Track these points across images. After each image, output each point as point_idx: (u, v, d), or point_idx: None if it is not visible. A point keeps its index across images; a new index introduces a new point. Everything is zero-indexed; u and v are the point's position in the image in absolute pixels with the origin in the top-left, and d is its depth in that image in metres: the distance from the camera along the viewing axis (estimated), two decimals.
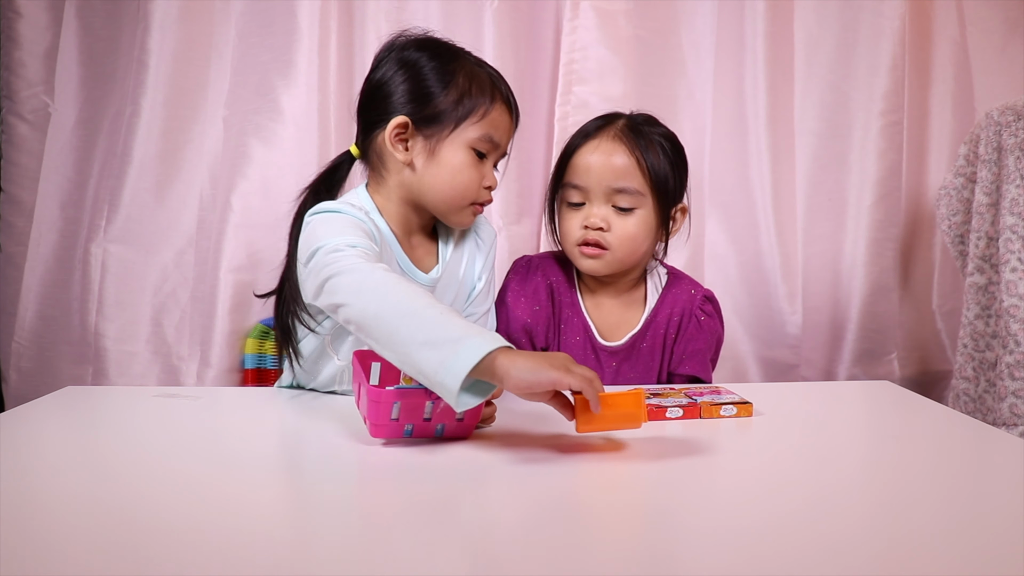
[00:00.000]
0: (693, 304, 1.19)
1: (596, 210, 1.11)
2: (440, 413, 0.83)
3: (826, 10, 1.68)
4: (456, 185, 1.03)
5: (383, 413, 0.81)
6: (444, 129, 1.02)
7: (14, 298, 1.58)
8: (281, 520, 0.66)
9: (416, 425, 0.83)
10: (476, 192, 1.05)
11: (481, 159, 1.05)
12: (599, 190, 1.10)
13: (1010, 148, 1.45)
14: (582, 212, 1.12)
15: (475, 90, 1.02)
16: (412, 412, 0.82)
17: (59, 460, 0.81)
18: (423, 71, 1.03)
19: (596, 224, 1.10)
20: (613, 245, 1.11)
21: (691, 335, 1.18)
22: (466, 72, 1.03)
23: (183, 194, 1.57)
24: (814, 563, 0.56)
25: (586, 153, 1.11)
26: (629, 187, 1.09)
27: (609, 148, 1.10)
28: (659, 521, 0.66)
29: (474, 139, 1.02)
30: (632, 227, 1.10)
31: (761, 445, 0.89)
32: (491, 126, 1.03)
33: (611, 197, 1.10)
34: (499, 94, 1.05)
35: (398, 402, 0.81)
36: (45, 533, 0.61)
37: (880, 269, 1.70)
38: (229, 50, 1.56)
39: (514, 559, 0.57)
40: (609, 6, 1.60)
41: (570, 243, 1.14)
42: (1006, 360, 1.43)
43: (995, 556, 0.58)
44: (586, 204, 1.12)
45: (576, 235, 1.12)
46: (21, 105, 1.57)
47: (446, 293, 1.12)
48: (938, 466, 0.81)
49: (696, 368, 1.18)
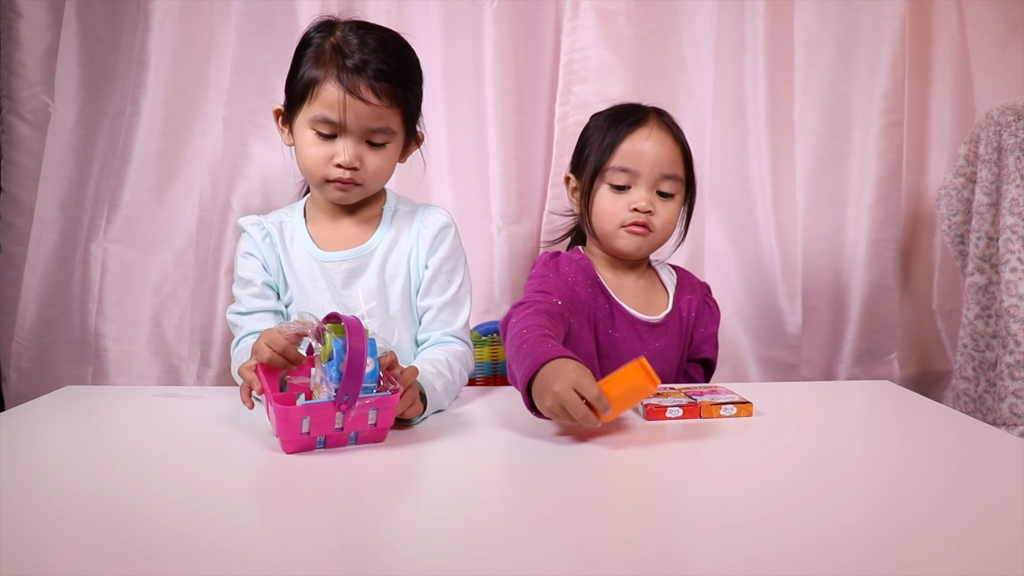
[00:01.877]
0: (704, 292, 1.28)
1: (644, 194, 1.16)
2: (352, 421, 0.82)
3: (826, 10, 1.68)
4: (304, 163, 1.08)
5: (293, 429, 0.81)
6: (294, 111, 1.07)
7: (14, 298, 1.58)
8: (281, 520, 0.66)
9: (329, 436, 0.82)
10: (324, 169, 1.07)
11: (325, 139, 1.06)
12: (650, 175, 1.16)
13: (1010, 148, 1.45)
14: (626, 196, 1.17)
15: (311, 70, 1.05)
16: (322, 424, 0.81)
17: (59, 459, 0.81)
18: (295, 56, 1.09)
19: (645, 207, 1.15)
20: (657, 228, 1.17)
21: (706, 320, 1.26)
22: (314, 52, 1.06)
23: (183, 194, 1.57)
24: (814, 563, 0.56)
25: (639, 140, 1.17)
26: (676, 174, 1.17)
27: (660, 137, 1.17)
28: (659, 521, 0.66)
29: (310, 120, 1.05)
30: (672, 212, 1.19)
31: (761, 445, 0.89)
32: (323, 105, 1.03)
33: (658, 183, 1.17)
34: (332, 72, 1.03)
35: (307, 416, 0.80)
36: (45, 532, 0.61)
37: (880, 269, 1.70)
38: (229, 50, 1.56)
39: (514, 559, 0.57)
40: (609, 6, 1.60)
41: (613, 223, 1.18)
42: (1006, 360, 1.43)
43: (995, 556, 0.58)
44: (631, 188, 1.17)
45: (622, 216, 1.17)
46: (21, 105, 1.57)
47: (369, 276, 1.12)
48: (938, 466, 0.81)
49: (710, 351, 1.26)
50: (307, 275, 1.12)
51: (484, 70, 1.58)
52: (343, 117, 1.03)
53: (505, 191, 1.60)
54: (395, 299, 1.13)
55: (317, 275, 1.12)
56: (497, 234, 1.61)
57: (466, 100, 1.59)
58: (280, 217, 1.16)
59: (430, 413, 0.97)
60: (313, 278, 1.12)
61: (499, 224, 1.60)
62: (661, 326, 1.21)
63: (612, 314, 1.19)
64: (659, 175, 1.16)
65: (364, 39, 1.04)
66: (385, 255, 1.13)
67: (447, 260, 1.15)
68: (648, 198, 1.16)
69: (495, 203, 1.61)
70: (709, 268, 1.69)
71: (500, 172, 1.60)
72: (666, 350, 1.21)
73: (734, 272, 1.70)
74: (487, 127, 1.59)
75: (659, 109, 1.23)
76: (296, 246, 1.13)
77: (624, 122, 1.19)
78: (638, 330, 1.19)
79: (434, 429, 0.93)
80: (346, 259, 1.12)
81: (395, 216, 1.16)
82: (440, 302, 1.14)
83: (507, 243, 1.60)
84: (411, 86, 1.08)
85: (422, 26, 1.58)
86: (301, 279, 1.12)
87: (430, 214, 1.16)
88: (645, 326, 1.19)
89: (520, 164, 1.61)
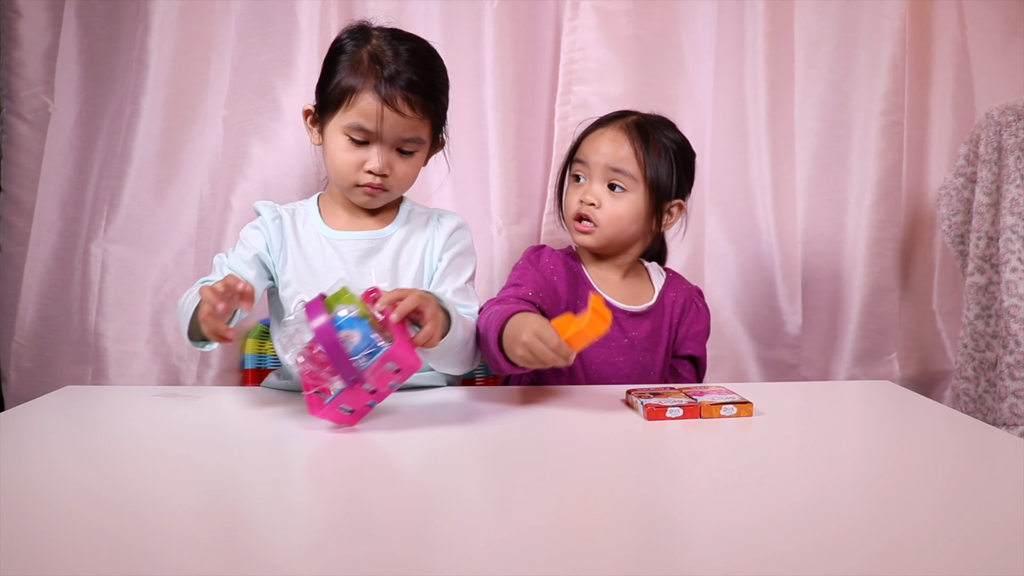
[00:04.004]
0: (692, 293, 1.33)
1: (594, 187, 1.23)
2: (378, 379, 0.85)
3: (826, 10, 1.68)
4: (335, 167, 1.12)
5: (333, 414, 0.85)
6: (327, 115, 1.11)
7: (14, 298, 1.58)
8: (282, 519, 0.66)
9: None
10: (355, 175, 1.10)
11: (358, 145, 1.09)
12: (598, 168, 1.22)
13: (1010, 148, 1.44)
14: (582, 188, 1.24)
15: (348, 78, 1.07)
16: (356, 402, 0.85)
17: (59, 459, 0.81)
18: (328, 59, 1.13)
19: (589, 200, 1.22)
20: (602, 222, 1.22)
21: (692, 318, 1.30)
22: (351, 59, 1.08)
23: (183, 194, 1.57)
24: (814, 563, 0.56)
25: (595, 136, 1.25)
26: (625, 170, 1.21)
27: (614, 136, 1.23)
28: (659, 521, 0.66)
29: (344, 126, 1.09)
30: (621, 208, 1.22)
31: (761, 445, 0.89)
32: (359, 114, 1.07)
33: (608, 176, 1.22)
34: (370, 83, 1.06)
35: (341, 406, 0.84)
36: (45, 532, 0.61)
37: (880, 269, 1.70)
38: (229, 50, 1.55)
39: (513, 559, 0.57)
40: (609, 6, 1.60)
41: (569, 216, 1.26)
42: (1006, 360, 1.43)
43: (995, 556, 0.58)
44: (586, 181, 1.24)
45: (574, 208, 1.24)
46: (21, 105, 1.57)
47: (383, 257, 1.15)
48: (938, 466, 0.81)
49: (696, 349, 1.30)
50: (317, 254, 1.14)
51: (484, 70, 1.58)
52: (379, 127, 1.07)
53: (505, 191, 1.60)
54: (407, 284, 1.14)
55: (329, 253, 1.14)
56: (497, 234, 1.61)
57: (466, 100, 1.59)
58: (294, 206, 1.20)
59: (458, 333, 0.99)
60: (324, 256, 1.14)
61: (499, 224, 1.60)
62: (642, 315, 1.25)
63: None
64: (606, 168, 1.22)
65: (398, 49, 1.08)
66: (400, 243, 1.16)
67: (459, 255, 1.19)
68: (596, 192, 1.22)
69: (495, 203, 1.61)
70: (709, 268, 1.69)
71: (500, 172, 1.60)
72: (647, 339, 1.25)
73: (734, 272, 1.70)
74: (487, 127, 1.59)
75: (650, 116, 1.27)
76: (308, 228, 1.16)
77: (592, 123, 1.29)
78: (618, 319, 1.22)
79: (432, 427, 0.93)
80: (361, 239, 1.15)
81: (411, 215, 1.20)
82: (454, 287, 1.16)
83: (507, 243, 1.60)
84: (441, 97, 1.13)
85: (422, 26, 1.58)
86: (310, 258, 1.14)
87: (447, 216, 1.22)
88: (625, 314, 1.24)
89: (520, 164, 1.61)
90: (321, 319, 0.81)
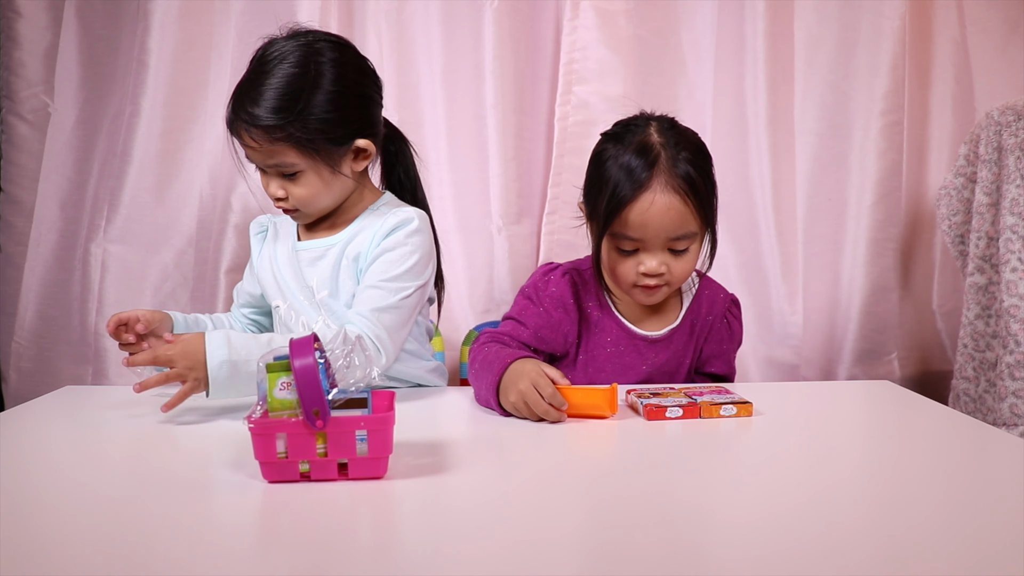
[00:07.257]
0: (724, 307, 1.23)
1: (654, 257, 1.08)
2: (336, 445, 0.72)
3: (826, 10, 1.68)
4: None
5: (269, 449, 0.71)
6: None
7: (14, 298, 1.58)
8: (282, 519, 0.66)
9: (313, 462, 0.72)
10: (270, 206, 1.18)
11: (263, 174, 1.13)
12: (657, 242, 1.08)
13: (1010, 148, 1.44)
14: (636, 258, 1.09)
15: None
16: (301, 447, 0.71)
17: (59, 459, 0.81)
18: None
19: (656, 271, 1.08)
20: (672, 282, 1.11)
21: (720, 336, 1.22)
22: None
23: (183, 194, 1.57)
24: (814, 563, 0.56)
25: (641, 209, 1.05)
26: (686, 233, 1.08)
27: (665, 202, 1.05)
28: (659, 521, 0.66)
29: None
30: (688, 263, 1.11)
31: (761, 445, 0.89)
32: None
33: (668, 244, 1.08)
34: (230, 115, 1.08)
35: (282, 435, 0.71)
36: (45, 532, 0.61)
37: (880, 269, 1.70)
38: (229, 50, 1.56)
39: (513, 559, 0.57)
40: (609, 6, 1.60)
41: (625, 283, 1.12)
42: (1006, 360, 1.43)
43: (995, 556, 0.58)
44: (640, 251, 1.09)
45: (633, 278, 1.10)
46: (21, 105, 1.57)
47: (325, 264, 1.14)
48: (938, 466, 0.81)
49: (722, 367, 1.24)
50: (285, 264, 1.16)
51: (484, 70, 1.58)
52: (250, 156, 1.10)
53: (505, 191, 1.60)
54: (346, 290, 1.13)
55: (294, 263, 1.16)
56: (497, 234, 1.61)
57: (466, 100, 1.59)
58: (285, 216, 1.20)
59: (221, 388, 0.94)
60: (291, 266, 1.16)
61: (499, 224, 1.60)
62: (663, 341, 1.18)
63: (609, 328, 1.17)
64: (667, 239, 1.07)
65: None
66: (344, 245, 1.14)
67: (388, 252, 1.10)
68: (658, 262, 1.08)
69: (495, 203, 1.61)
70: None
71: (500, 172, 1.60)
72: (667, 364, 1.19)
73: (734, 272, 1.70)
74: (487, 127, 1.59)
75: (668, 137, 1.09)
76: (282, 240, 1.19)
77: (625, 181, 1.07)
78: (636, 345, 1.17)
79: (432, 427, 0.92)
80: (314, 247, 1.16)
81: (369, 213, 1.16)
82: (370, 283, 1.09)
83: (507, 243, 1.60)
84: (306, 121, 1.06)
85: (422, 26, 1.58)
86: (281, 268, 1.16)
87: (397, 212, 1.13)
88: (644, 341, 1.17)
89: (520, 164, 1.61)
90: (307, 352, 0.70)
